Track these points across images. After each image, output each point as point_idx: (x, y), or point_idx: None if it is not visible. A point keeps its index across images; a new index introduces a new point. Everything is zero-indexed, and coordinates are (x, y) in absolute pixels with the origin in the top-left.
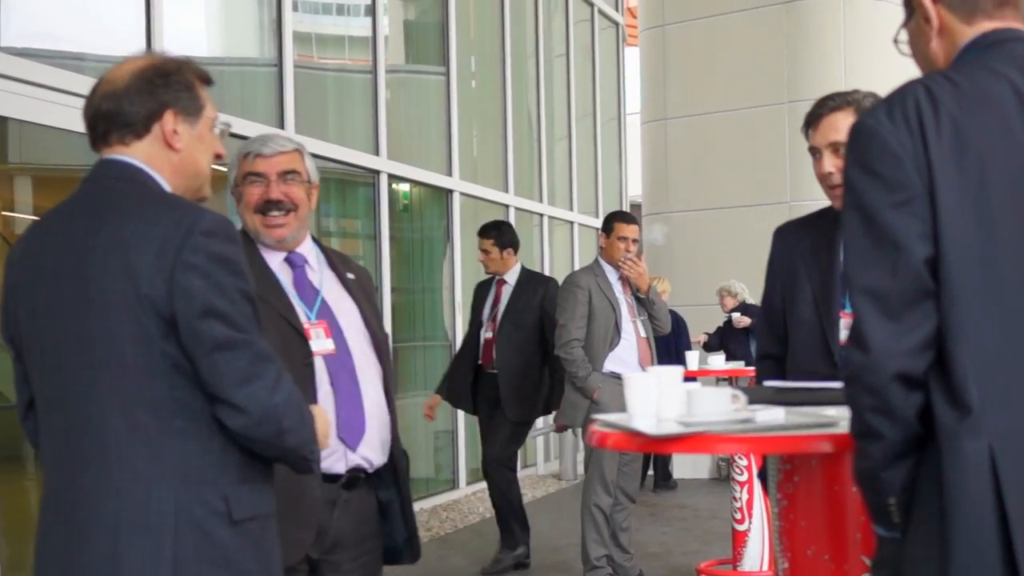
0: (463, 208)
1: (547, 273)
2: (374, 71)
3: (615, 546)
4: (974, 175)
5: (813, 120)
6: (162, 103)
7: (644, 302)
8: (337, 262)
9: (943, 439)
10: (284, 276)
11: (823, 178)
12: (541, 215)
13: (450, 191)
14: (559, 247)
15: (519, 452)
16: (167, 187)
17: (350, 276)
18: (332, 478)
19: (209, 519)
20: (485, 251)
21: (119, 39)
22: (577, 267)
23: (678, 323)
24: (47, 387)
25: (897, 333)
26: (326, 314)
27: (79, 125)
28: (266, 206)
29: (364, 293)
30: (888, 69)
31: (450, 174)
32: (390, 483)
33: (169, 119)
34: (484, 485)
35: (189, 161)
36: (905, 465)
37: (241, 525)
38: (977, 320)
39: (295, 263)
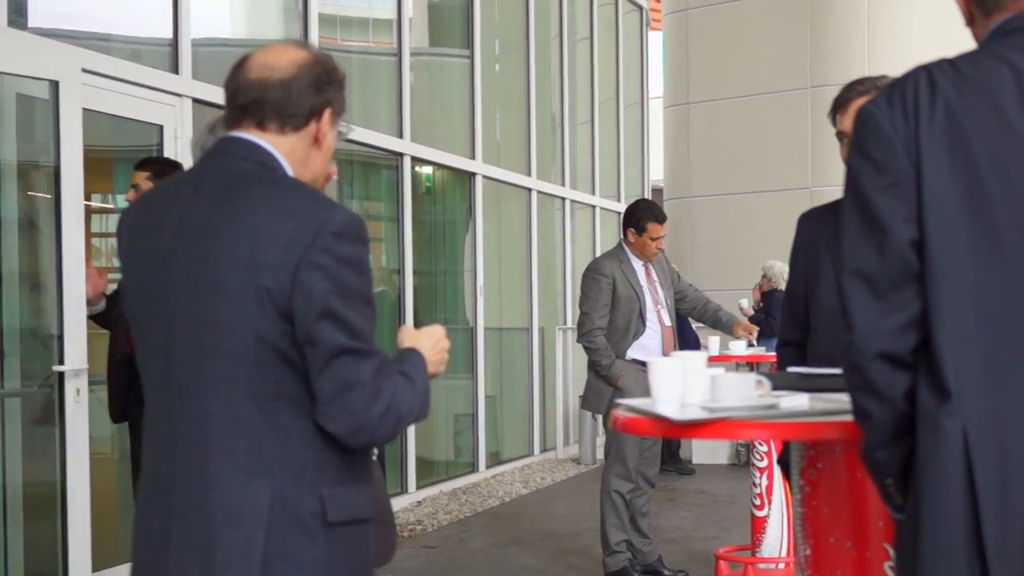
0: (486, 191)
1: (568, 256)
2: (398, 54)
3: (634, 531)
4: (964, 159)
5: (841, 105)
6: (327, 100)
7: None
8: None
9: (923, 419)
10: None
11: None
12: (563, 199)
13: (473, 174)
14: (581, 231)
15: (539, 436)
16: None
17: None
18: None
19: (303, 519)
20: (136, 187)
21: (146, 20)
22: (599, 250)
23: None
24: (153, 368)
25: (881, 313)
26: None
27: (106, 106)
28: None
29: None
30: (912, 53)
31: (473, 157)
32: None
33: (327, 117)
34: (504, 468)
35: (319, 162)
36: (899, 447)
37: (336, 529)
38: (957, 303)
39: None
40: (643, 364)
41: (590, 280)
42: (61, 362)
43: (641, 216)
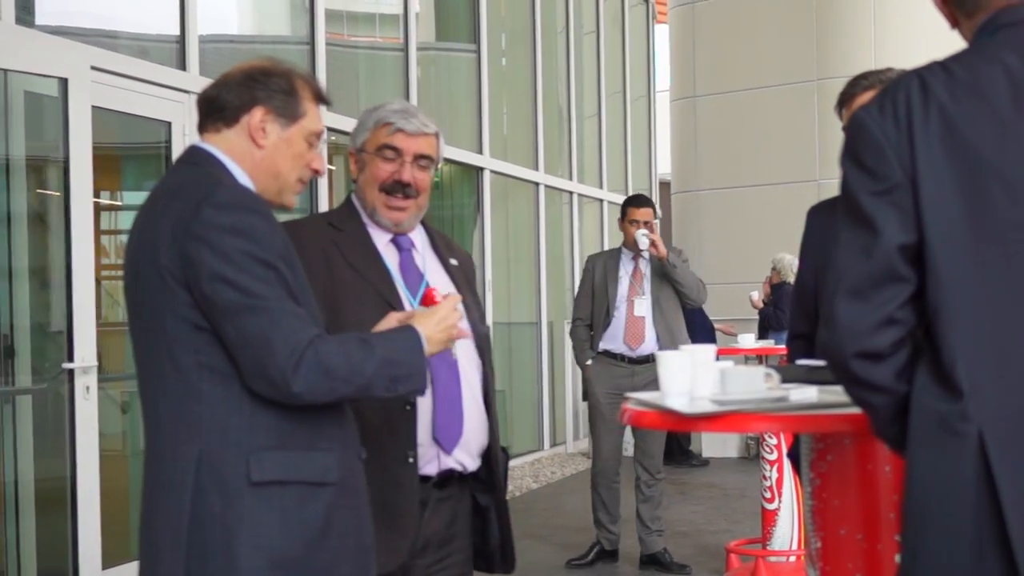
0: (493, 186)
1: (576, 250)
2: (405, 49)
3: (636, 518)
4: (962, 163)
5: (845, 100)
6: (254, 98)
7: (668, 273)
8: (441, 246)
9: (931, 423)
10: (390, 257)
11: None
12: (571, 193)
13: (481, 169)
14: (588, 224)
15: (549, 431)
16: (243, 178)
17: (453, 262)
18: (423, 479)
19: (228, 479)
20: None
21: (153, 17)
22: (607, 244)
23: None
24: None
25: (861, 313)
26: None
27: (112, 104)
28: (393, 186)
29: (467, 282)
30: (917, 46)
31: (481, 152)
32: (488, 487)
33: (258, 114)
34: (513, 463)
35: (270, 160)
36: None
37: (263, 488)
38: (966, 305)
39: (402, 246)
40: (612, 355)
41: (583, 272)
42: (71, 359)
43: (624, 202)
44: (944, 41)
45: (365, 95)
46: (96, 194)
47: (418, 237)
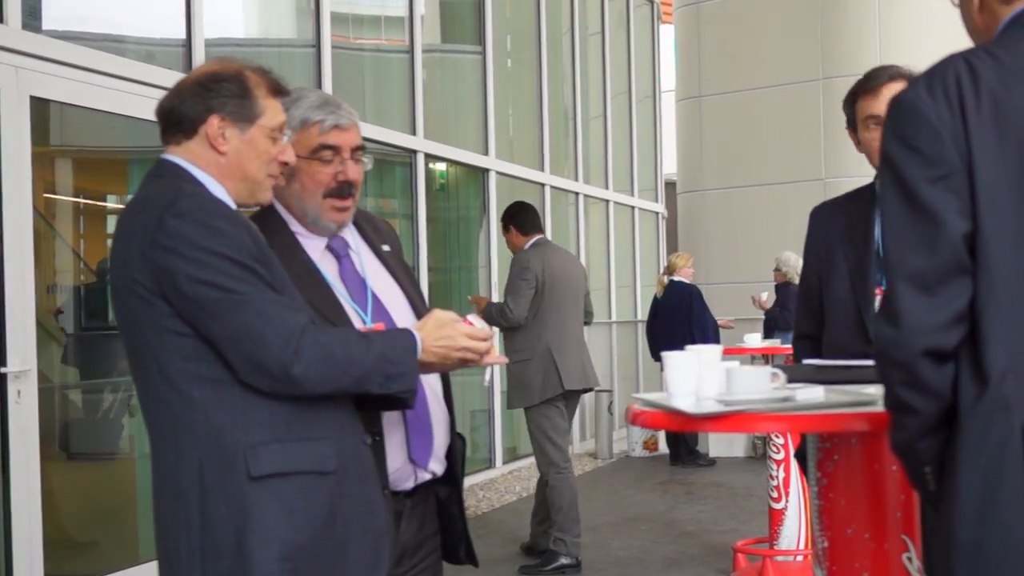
0: (499, 187)
1: (582, 251)
2: (411, 51)
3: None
4: (1014, 151)
5: (872, 87)
6: (208, 108)
7: None
8: (371, 233)
9: (971, 418)
10: (329, 268)
11: (877, 150)
12: (576, 194)
13: (486, 170)
14: (594, 225)
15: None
16: (214, 185)
17: (386, 248)
18: (395, 493)
19: (230, 478)
20: None
21: (159, 21)
22: (612, 245)
23: (692, 297)
24: None
25: (931, 308)
26: (381, 313)
27: (119, 107)
28: (341, 188)
29: (401, 265)
30: (924, 45)
31: (486, 153)
32: (447, 479)
33: (214, 123)
34: (520, 464)
35: (235, 164)
36: (941, 434)
37: (263, 482)
38: (1013, 297)
39: (339, 252)
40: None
41: None
42: (3, 364)
43: None
44: (950, 39)
45: (371, 97)
46: (103, 197)
47: (349, 234)
